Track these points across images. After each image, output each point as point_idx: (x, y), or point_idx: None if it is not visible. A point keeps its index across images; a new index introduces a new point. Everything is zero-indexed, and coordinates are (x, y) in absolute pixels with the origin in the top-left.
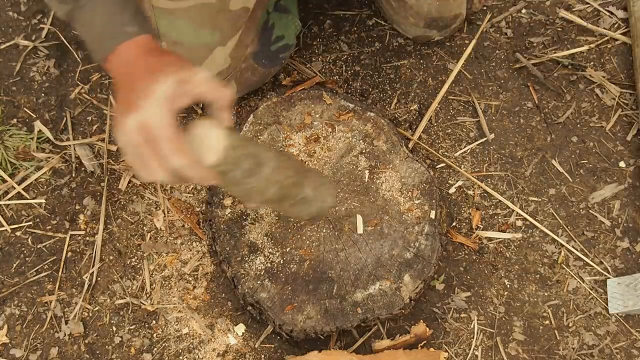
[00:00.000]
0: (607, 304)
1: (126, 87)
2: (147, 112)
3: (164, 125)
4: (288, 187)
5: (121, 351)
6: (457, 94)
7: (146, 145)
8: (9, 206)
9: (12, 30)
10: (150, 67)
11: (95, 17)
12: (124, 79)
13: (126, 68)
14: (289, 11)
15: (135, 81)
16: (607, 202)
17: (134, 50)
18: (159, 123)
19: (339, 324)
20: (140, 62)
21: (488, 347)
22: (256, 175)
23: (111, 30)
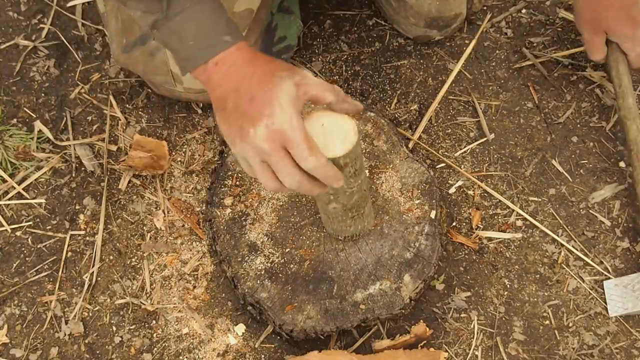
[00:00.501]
0: (607, 304)
1: (240, 97)
2: (278, 118)
3: (297, 128)
4: (363, 199)
5: (121, 351)
6: (457, 94)
7: (280, 151)
8: (9, 206)
9: (12, 30)
10: (265, 74)
11: (189, 27)
12: (235, 89)
13: (236, 78)
14: (291, 12)
15: (253, 90)
16: (607, 202)
17: (238, 60)
18: (291, 127)
19: (339, 323)
20: (251, 71)
21: (488, 347)
22: (358, 178)
23: (208, 41)
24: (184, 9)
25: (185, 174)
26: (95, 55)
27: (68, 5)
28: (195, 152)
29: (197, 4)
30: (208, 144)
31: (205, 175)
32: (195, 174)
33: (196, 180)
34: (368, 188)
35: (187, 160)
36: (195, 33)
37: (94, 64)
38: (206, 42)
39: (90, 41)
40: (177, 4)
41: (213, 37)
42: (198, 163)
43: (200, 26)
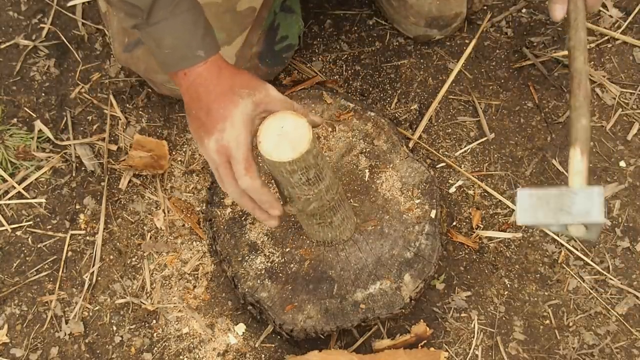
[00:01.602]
0: (607, 304)
1: (200, 108)
2: (227, 135)
3: (241, 147)
4: (325, 209)
5: (121, 351)
6: (458, 93)
7: (225, 164)
8: (9, 206)
9: (12, 29)
10: (225, 90)
11: (165, 37)
12: (197, 99)
13: (199, 89)
14: (293, 11)
15: (211, 103)
16: (607, 201)
17: (204, 73)
18: (236, 144)
19: (339, 323)
20: (214, 85)
21: (488, 346)
22: (314, 187)
23: (181, 53)
24: (163, 19)
25: (186, 173)
26: (95, 54)
27: (68, 5)
28: (195, 152)
29: (176, 16)
30: None
31: (206, 175)
32: (195, 174)
33: (196, 180)
34: (337, 200)
35: (187, 159)
36: (171, 44)
37: (94, 63)
38: (180, 54)
39: (90, 41)
40: (157, 13)
41: (186, 50)
42: (198, 163)
43: (176, 38)
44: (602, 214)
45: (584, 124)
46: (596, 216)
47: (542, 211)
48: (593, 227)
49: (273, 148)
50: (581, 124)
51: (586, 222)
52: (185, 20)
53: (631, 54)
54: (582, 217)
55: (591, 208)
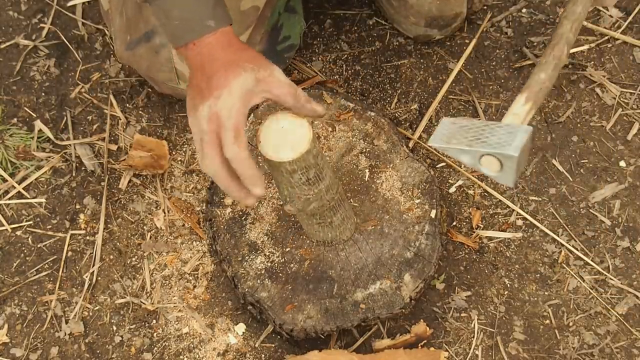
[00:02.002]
0: (607, 303)
1: (203, 76)
2: (222, 103)
3: (233, 116)
4: (325, 208)
5: (121, 350)
6: (458, 93)
7: (212, 133)
8: (9, 205)
9: (12, 29)
10: (230, 61)
11: (174, 7)
12: (201, 68)
13: (204, 58)
14: (296, 12)
15: (213, 72)
16: (607, 201)
17: (213, 43)
18: (229, 114)
19: (339, 323)
20: (219, 55)
21: (488, 346)
22: (314, 187)
23: (191, 24)
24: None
25: (186, 173)
26: (95, 54)
27: (68, 5)
28: (195, 152)
29: None
30: None
31: (206, 175)
32: (195, 174)
33: (196, 180)
34: (337, 199)
35: (187, 159)
36: (180, 15)
37: (94, 63)
38: (189, 25)
39: (90, 40)
40: None
41: (196, 21)
42: (198, 162)
43: (185, 8)
44: (518, 149)
45: (541, 78)
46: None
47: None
48: (507, 165)
49: (273, 148)
50: (538, 76)
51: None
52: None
53: (631, 54)
54: (495, 147)
55: (510, 141)
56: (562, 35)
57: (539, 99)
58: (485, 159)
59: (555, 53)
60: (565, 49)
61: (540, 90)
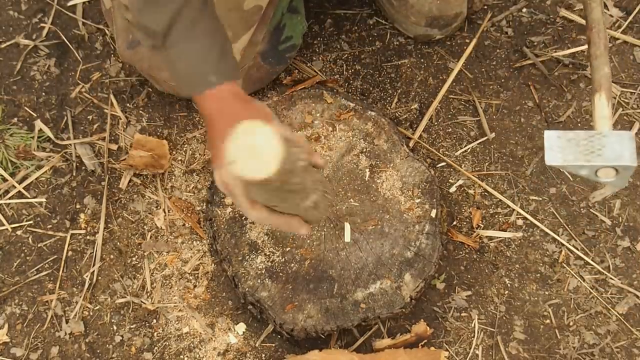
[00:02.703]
0: (607, 303)
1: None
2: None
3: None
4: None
5: (122, 350)
6: (458, 93)
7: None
8: (10, 205)
9: (12, 29)
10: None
11: (180, 61)
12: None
13: (210, 116)
14: (298, 12)
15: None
16: (607, 201)
17: (216, 98)
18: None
19: (340, 323)
20: (223, 112)
21: (489, 346)
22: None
23: (195, 78)
24: (178, 43)
25: (186, 173)
26: (95, 54)
27: (69, 5)
28: (195, 151)
29: (191, 41)
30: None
31: (206, 174)
32: (195, 173)
33: (197, 180)
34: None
35: (187, 159)
36: (185, 69)
37: (95, 63)
38: (193, 79)
39: (90, 40)
40: (173, 37)
41: (199, 76)
42: (199, 162)
43: (189, 63)
44: (634, 157)
45: (607, 72)
46: (629, 160)
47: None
48: (624, 172)
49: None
50: (604, 71)
51: (618, 166)
52: (200, 45)
53: (631, 54)
54: (614, 160)
55: (623, 151)
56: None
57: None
58: (602, 170)
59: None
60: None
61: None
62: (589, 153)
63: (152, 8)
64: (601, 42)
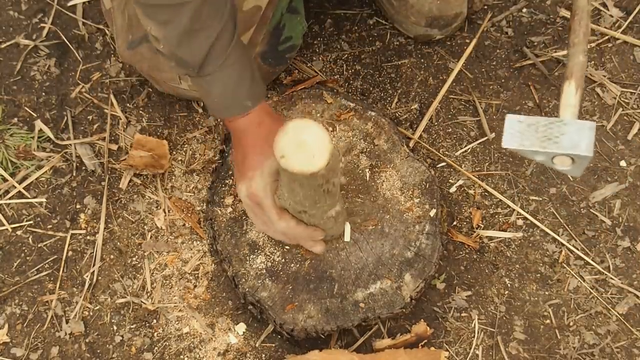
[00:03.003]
0: (607, 303)
1: (239, 152)
2: (255, 185)
3: (269, 198)
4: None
5: (122, 350)
6: (458, 93)
7: (256, 208)
8: (10, 205)
9: (12, 29)
10: (263, 140)
11: (215, 88)
12: (239, 142)
13: (241, 134)
14: (298, 12)
15: (248, 152)
16: (607, 201)
17: (247, 120)
18: (265, 194)
19: (340, 323)
20: (254, 133)
21: (489, 346)
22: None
23: (229, 103)
24: (213, 72)
25: (186, 173)
26: (96, 54)
27: (69, 5)
28: (196, 152)
29: (225, 69)
30: (209, 143)
31: (206, 175)
32: (196, 173)
33: (197, 180)
34: None
35: (187, 159)
36: (220, 94)
37: (95, 63)
38: (228, 103)
39: (91, 40)
40: (207, 68)
41: (234, 100)
42: (199, 162)
43: (225, 89)
44: (591, 148)
45: (582, 60)
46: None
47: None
48: (579, 162)
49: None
50: (578, 59)
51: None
52: (233, 72)
53: (632, 54)
54: (569, 148)
55: (581, 141)
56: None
57: (583, 83)
58: (558, 158)
59: (583, 29)
60: (589, 22)
61: (583, 75)
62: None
63: (188, 42)
64: (581, 31)
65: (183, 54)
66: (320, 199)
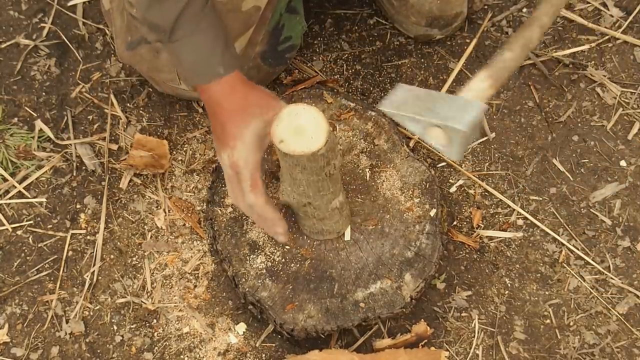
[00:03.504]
0: (607, 303)
1: (217, 122)
2: (237, 153)
3: (249, 165)
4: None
5: (122, 350)
6: None
7: (235, 178)
8: (10, 205)
9: (12, 29)
10: (239, 108)
11: (186, 54)
12: (214, 113)
13: (215, 103)
14: (297, 12)
15: (225, 120)
16: (608, 201)
17: (220, 88)
18: (245, 163)
19: (340, 323)
20: (229, 100)
21: (489, 346)
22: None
23: (200, 69)
24: (184, 36)
25: (186, 173)
26: (96, 54)
27: (69, 5)
28: (196, 151)
29: (197, 34)
30: (209, 143)
31: (206, 174)
32: (196, 173)
33: (197, 180)
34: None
35: (188, 159)
36: (191, 60)
37: (95, 63)
38: (199, 70)
39: (91, 40)
40: (178, 32)
41: (205, 67)
42: (199, 162)
43: (196, 55)
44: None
45: (505, 56)
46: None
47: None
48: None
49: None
50: (503, 55)
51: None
52: (205, 38)
53: (632, 54)
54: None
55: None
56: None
57: (500, 78)
58: (432, 130)
59: (525, 34)
60: (537, 32)
61: (503, 69)
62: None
63: (159, 5)
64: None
65: (153, 17)
66: (324, 185)
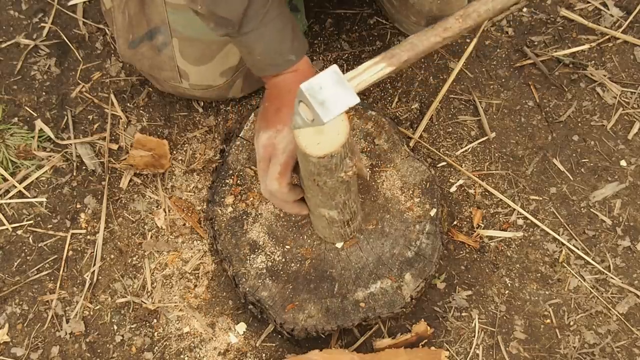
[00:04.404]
0: (607, 303)
1: (273, 106)
2: (281, 137)
3: (287, 154)
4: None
5: (122, 350)
6: (458, 92)
7: (265, 162)
8: (10, 205)
9: (13, 29)
10: None
11: (257, 44)
12: (276, 97)
13: (281, 90)
14: (298, 10)
15: (283, 105)
16: (608, 200)
17: (291, 75)
18: (284, 149)
19: (340, 322)
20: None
21: (489, 345)
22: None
23: (272, 59)
24: (254, 28)
25: (186, 172)
26: (96, 54)
27: (69, 4)
28: (196, 151)
29: (266, 25)
30: (209, 143)
31: (206, 174)
32: (196, 173)
33: (197, 179)
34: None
35: (188, 159)
36: (263, 51)
37: (95, 62)
38: (272, 60)
39: (91, 40)
40: (248, 24)
41: (277, 56)
42: (199, 162)
43: (268, 46)
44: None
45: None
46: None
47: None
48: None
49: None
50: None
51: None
52: (274, 27)
53: (632, 53)
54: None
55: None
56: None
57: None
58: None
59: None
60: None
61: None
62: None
63: None
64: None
65: (221, 11)
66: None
